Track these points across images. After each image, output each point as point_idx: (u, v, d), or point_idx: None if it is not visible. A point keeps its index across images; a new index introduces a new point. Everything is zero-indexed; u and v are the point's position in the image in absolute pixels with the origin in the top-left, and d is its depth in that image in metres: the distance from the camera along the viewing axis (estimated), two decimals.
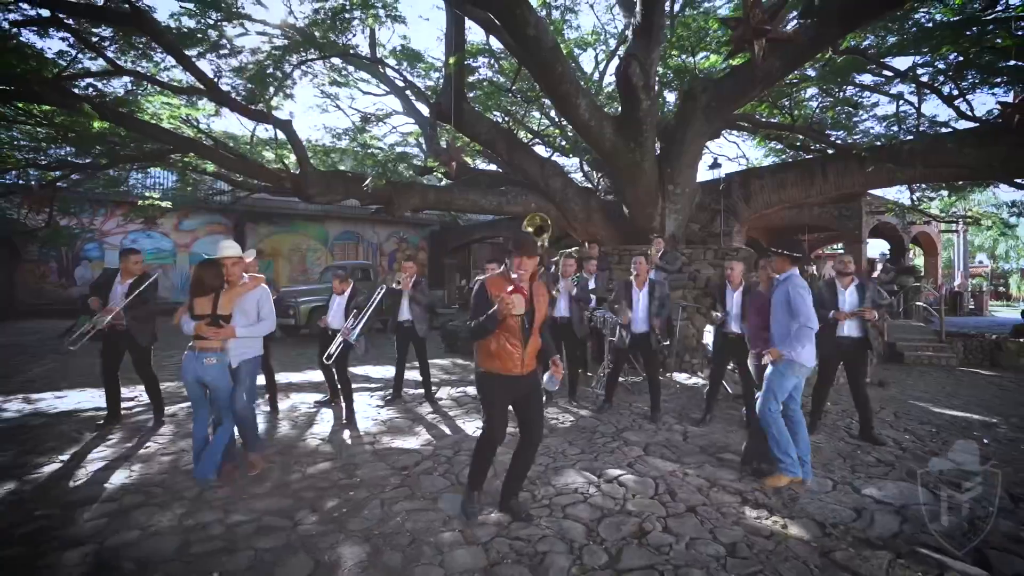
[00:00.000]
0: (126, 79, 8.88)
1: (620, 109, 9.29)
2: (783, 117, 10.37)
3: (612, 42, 13.26)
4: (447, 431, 4.67)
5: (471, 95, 10.99)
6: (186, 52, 6.64)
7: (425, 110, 11.94)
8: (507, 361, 2.75)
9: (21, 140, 9.98)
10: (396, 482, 3.47)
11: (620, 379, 6.27)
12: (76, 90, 7.56)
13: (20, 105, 8.31)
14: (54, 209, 12.12)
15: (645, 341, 5.00)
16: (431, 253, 23.71)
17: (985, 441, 4.56)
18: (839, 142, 10.29)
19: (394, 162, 8.88)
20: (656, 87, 9.15)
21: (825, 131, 10.62)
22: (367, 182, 8.34)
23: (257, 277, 3.68)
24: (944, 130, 9.36)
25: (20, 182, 11.83)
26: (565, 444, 4.25)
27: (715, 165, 12.53)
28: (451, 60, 9.16)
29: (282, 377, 6.89)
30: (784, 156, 13.74)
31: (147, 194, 12.78)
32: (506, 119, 13.15)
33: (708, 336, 5.86)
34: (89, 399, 5.68)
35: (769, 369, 3.45)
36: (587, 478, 3.52)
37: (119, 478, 3.50)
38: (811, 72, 10.25)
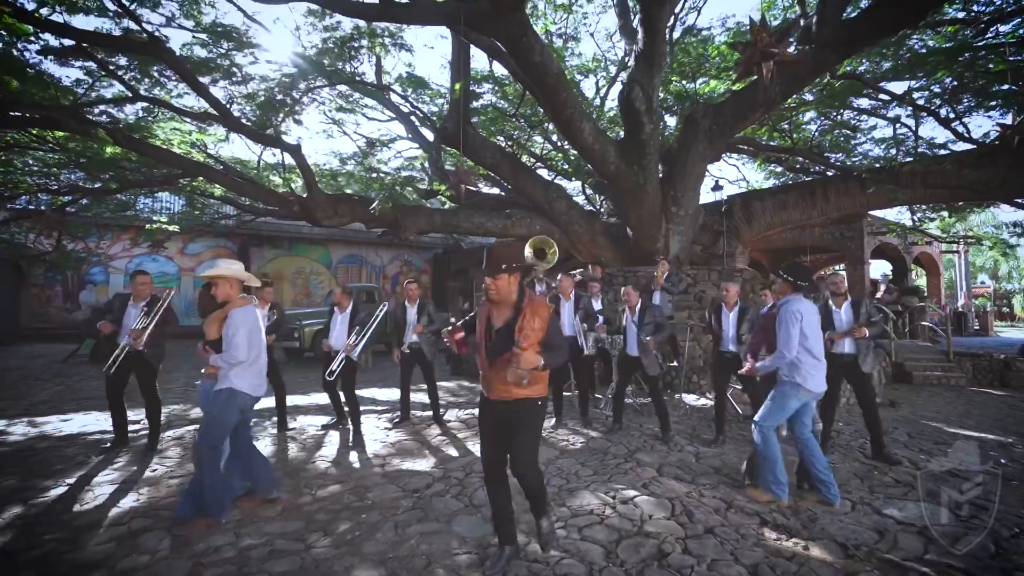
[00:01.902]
0: (139, 106, 9.11)
1: (623, 133, 9.46)
2: (783, 140, 10.54)
3: (613, 68, 13.59)
4: (456, 453, 4.62)
5: (475, 120, 11.22)
6: (200, 79, 6.81)
7: (430, 135, 12.17)
8: (482, 380, 2.70)
9: (33, 166, 10.16)
10: (408, 504, 3.42)
11: (628, 400, 6.24)
12: (91, 117, 7.75)
13: (35, 131, 8.50)
14: (62, 233, 12.25)
15: (638, 364, 5.05)
16: (434, 276, 23.81)
17: (1003, 461, 4.50)
18: (839, 164, 10.43)
19: (400, 185, 9.00)
20: (658, 111, 9.32)
21: (824, 153, 10.78)
22: (374, 205, 8.44)
23: (243, 298, 3.36)
24: (943, 151, 9.50)
25: (31, 207, 12.01)
26: (578, 465, 4.20)
27: (717, 187, 12.71)
28: (457, 86, 9.38)
29: (288, 400, 6.85)
30: (784, 179, 13.93)
31: (155, 218, 12.84)
32: (510, 144, 13.38)
33: None
34: (94, 422, 5.63)
35: (774, 389, 3.45)
36: (602, 499, 3.47)
37: (128, 501, 3.46)
38: (809, 96, 10.50)
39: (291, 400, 6.88)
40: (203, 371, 3.39)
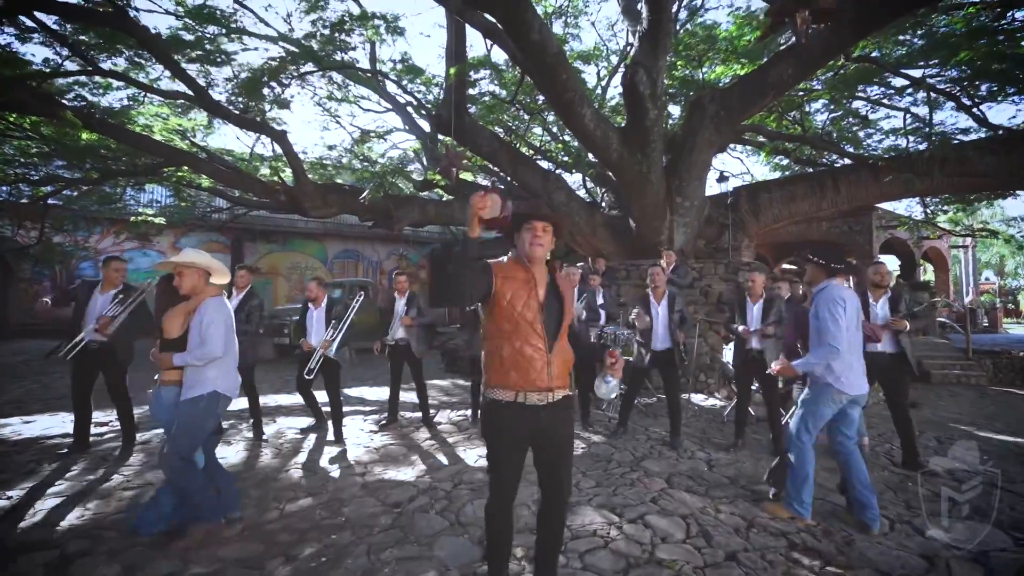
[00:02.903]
0: (121, 93, 8.68)
1: (626, 120, 9.03)
2: (792, 129, 10.09)
3: (614, 59, 13.15)
4: (445, 460, 4.22)
5: (472, 110, 10.78)
6: (175, 58, 6.38)
7: (427, 126, 11.74)
8: (527, 372, 1.91)
9: (12, 155, 9.73)
10: (387, 522, 3.02)
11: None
12: (66, 102, 7.32)
13: (12, 119, 8.07)
14: (46, 226, 11.83)
15: (668, 358, 4.58)
16: (431, 270, 23.37)
17: None
18: (852, 152, 9.98)
19: (392, 174, 8.59)
20: (663, 97, 8.89)
21: (837, 142, 10.33)
22: (364, 195, 8.02)
23: (214, 287, 2.96)
24: (957, 140, 9.08)
25: (11, 199, 11.58)
26: (579, 475, 3.80)
27: (723, 178, 12.25)
28: (452, 70, 8.96)
29: (272, 400, 6.46)
30: (790, 172, 13.50)
31: (140, 211, 12.42)
32: (508, 135, 12.96)
33: (727, 354, 5.44)
34: (60, 424, 5.23)
35: (805, 392, 3.04)
36: (607, 517, 3.07)
37: (72, 518, 3.06)
38: (818, 86, 10.06)
39: (276, 400, 6.51)
40: (157, 377, 2.96)
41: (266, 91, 8.51)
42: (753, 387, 4.82)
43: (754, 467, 3.99)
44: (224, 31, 7.80)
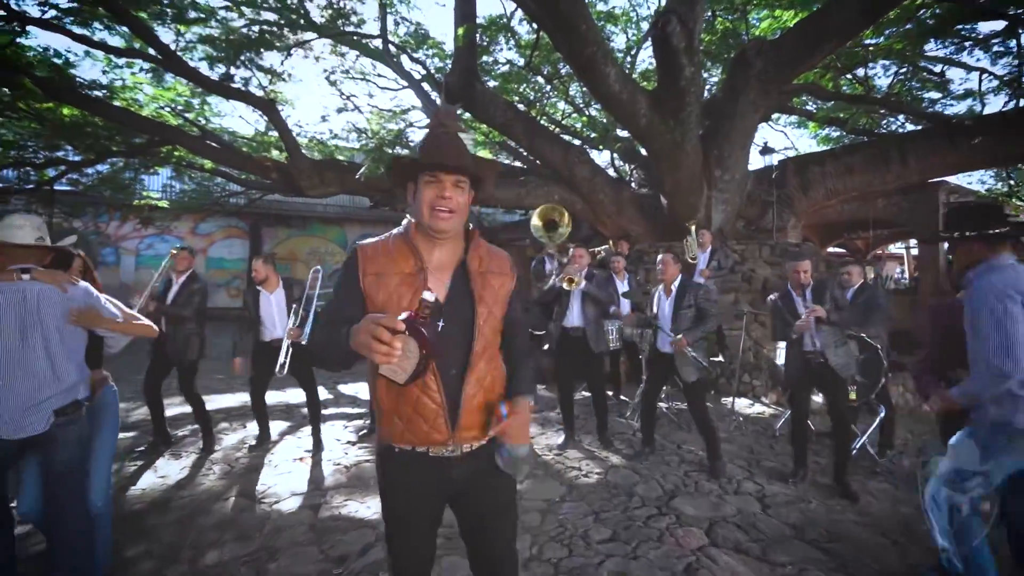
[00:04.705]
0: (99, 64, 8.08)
1: (657, 81, 7.93)
2: (854, 88, 8.74)
3: (644, 25, 11.87)
4: None
5: (490, 84, 9.83)
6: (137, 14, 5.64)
7: (441, 101, 10.85)
8: (415, 423, 1.28)
9: (8, 137, 9.35)
10: None
11: (663, 406, 4.90)
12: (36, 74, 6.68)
13: (4, 99, 7.54)
14: (55, 212, 11.59)
15: (672, 366, 3.67)
16: None
17: None
18: (933, 113, 8.55)
19: (390, 145, 7.76)
20: (700, 53, 7.71)
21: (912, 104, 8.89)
22: (361, 171, 7.23)
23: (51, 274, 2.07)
24: None
25: (19, 184, 11.33)
26: (589, 516, 2.92)
27: (767, 150, 10.90)
28: (460, 31, 8.01)
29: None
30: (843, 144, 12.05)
31: (145, 194, 12.02)
32: (526, 108, 11.96)
33: (783, 355, 4.42)
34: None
35: (957, 435, 2.02)
36: None
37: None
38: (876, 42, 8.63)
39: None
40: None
41: (259, 59, 7.77)
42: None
43: (826, 512, 3.01)
44: None
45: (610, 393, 5.49)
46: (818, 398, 4.07)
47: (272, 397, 5.32)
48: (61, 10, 6.25)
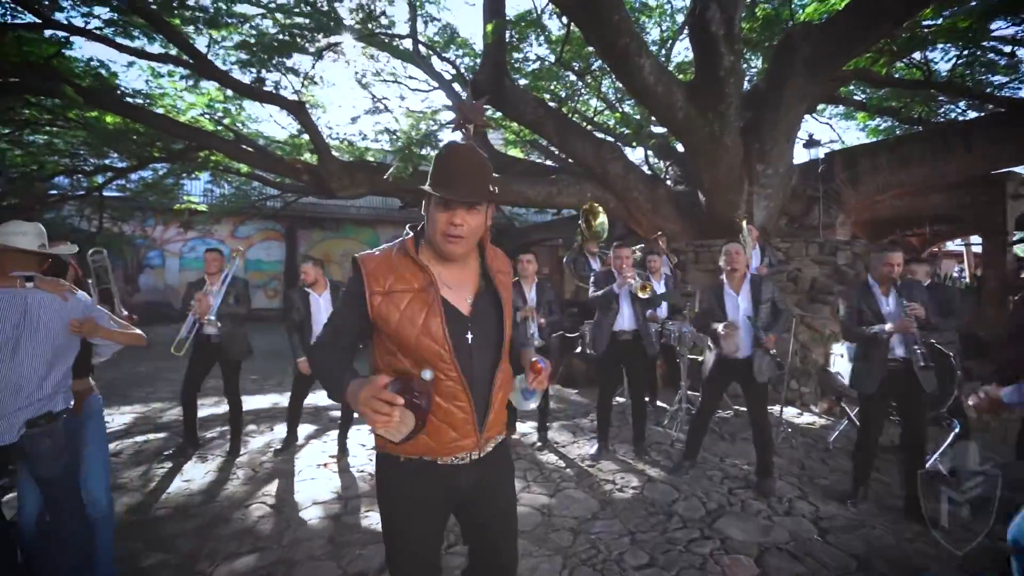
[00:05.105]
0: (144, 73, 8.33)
1: (694, 72, 7.58)
2: (911, 73, 8.14)
3: (680, 18, 11.43)
4: None
5: (518, 80, 9.64)
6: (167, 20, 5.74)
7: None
8: (441, 433, 1.24)
9: (60, 146, 9.78)
10: None
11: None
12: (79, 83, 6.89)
13: (57, 110, 7.84)
14: (103, 216, 12.10)
15: (746, 370, 3.30)
16: None
17: None
18: (1004, 97, 7.88)
19: (418, 144, 7.69)
20: (741, 40, 7.32)
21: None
22: (390, 172, 7.17)
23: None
24: None
25: (72, 191, 11.87)
26: (624, 537, 2.69)
27: (812, 143, 10.36)
28: (488, 27, 7.88)
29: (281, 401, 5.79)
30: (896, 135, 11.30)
31: (186, 198, 12.42)
32: (557, 105, 11.71)
33: (840, 362, 4.06)
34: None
35: None
36: None
37: None
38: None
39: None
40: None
41: (290, 62, 7.83)
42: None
43: (895, 539, 2.69)
44: None
45: (646, 399, 5.22)
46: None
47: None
48: (103, 20, 6.44)
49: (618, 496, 3.24)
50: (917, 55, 8.17)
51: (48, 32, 5.80)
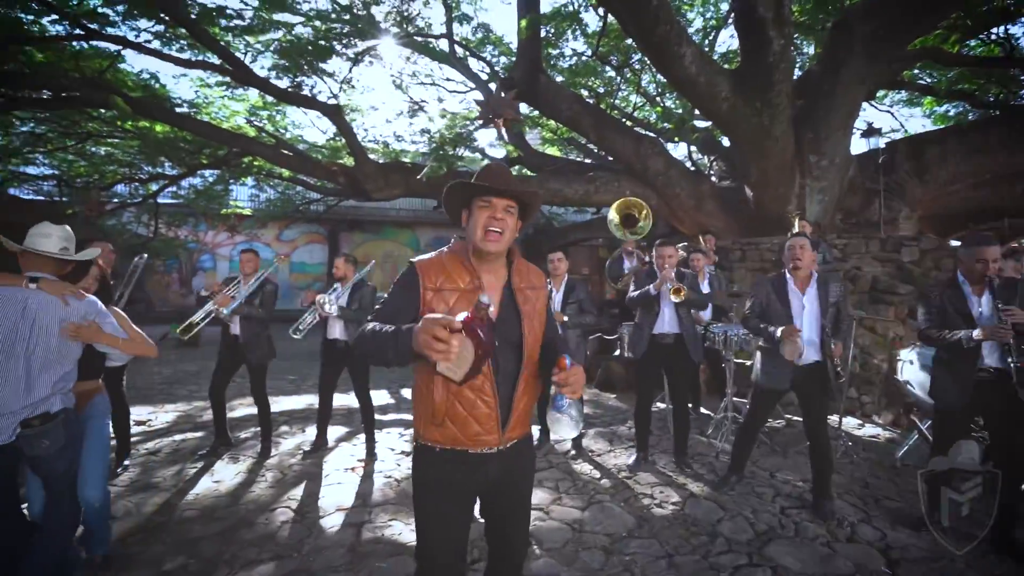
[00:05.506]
0: (194, 83, 8.66)
1: (740, 58, 7.16)
2: (990, 50, 7.42)
3: (724, 6, 10.90)
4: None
5: (555, 77, 9.44)
6: (207, 29, 5.89)
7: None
8: (467, 425, 1.40)
9: (116, 154, 10.34)
10: None
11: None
12: (132, 94, 7.22)
13: (118, 122, 8.27)
14: (158, 221, 12.76)
15: (812, 379, 2.97)
16: (526, 257, 22.44)
17: None
18: None
19: (452, 144, 7.61)
20: (791, 23, 6.85)
21: None
22: (423, 172, 7.13)
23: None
24: None
25: (131, 199, 12.56)
26: (662, 562, 2.46)
27: (871, 131, 9.67)
28: (523, 22, 7.73)
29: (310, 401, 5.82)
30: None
31: (233, 203, 12.92)
32: (595, 100, 11.40)
33: (910, 369, 3.64)
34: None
35: None
36: None
37: None
38: None
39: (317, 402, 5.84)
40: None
41: (327, 66, 7.94)
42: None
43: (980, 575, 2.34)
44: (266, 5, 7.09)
45: (688, 406, 4.92)
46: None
47: (334, 400, 5.29)
48: (152, 33, 6.71)
49: (656, 512, 3.00)
50: (997, 30, 7.41)
51: (100, 45, 6.10)
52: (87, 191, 9.90)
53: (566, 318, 3.92)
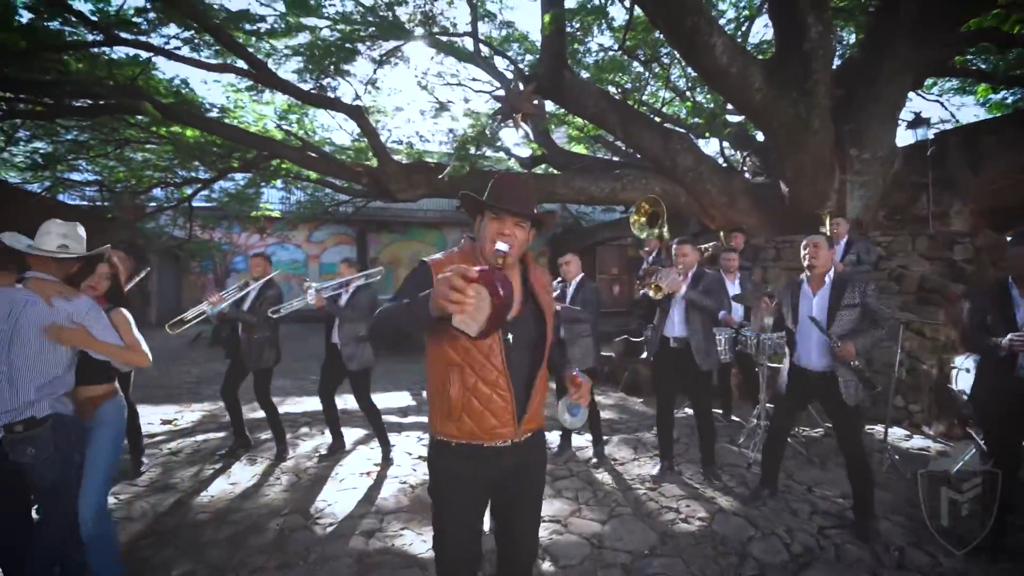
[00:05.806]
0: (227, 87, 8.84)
1: (774, 47, 6.83)
2: None
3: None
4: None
5: (581, 74, 9.24)
6: (230, 32, 5.97)
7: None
8: (483, 420, 1.45)
9: (153, 160, 10.67)
10: None
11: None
12: (159, 99, 7.40)
13: (153, 128, 8.54)
14: (193, 224, 13.15)
15: (825, 387, 2.76)
16: (552, 257, 22.31)
17: None
18: None
19: (474, 143, 7.50)
20: (830, 9, 6.48)
21: None
22: (446, 171, 7.06)
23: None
24: None
25: (168, 202, 12.98)
26: None
27: (919, 121, 9.11)
28: (546, 17, 7.56)
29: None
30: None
31: (264, 205, 13.20)
32: (622, 96, 11.13)
33: (965, 378, 3.34)
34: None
35: None
36: None
37: None
38: None
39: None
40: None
41: (351, 68, 7.98)
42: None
43: None
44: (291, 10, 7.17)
45: (718, 412, 4.67)
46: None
47: (353, 402, 5.27)
48: (181, 40, 6.86)
49: (681, 528, 2.81)
50: None
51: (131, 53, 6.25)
52: (127, 195, 10.25)
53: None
